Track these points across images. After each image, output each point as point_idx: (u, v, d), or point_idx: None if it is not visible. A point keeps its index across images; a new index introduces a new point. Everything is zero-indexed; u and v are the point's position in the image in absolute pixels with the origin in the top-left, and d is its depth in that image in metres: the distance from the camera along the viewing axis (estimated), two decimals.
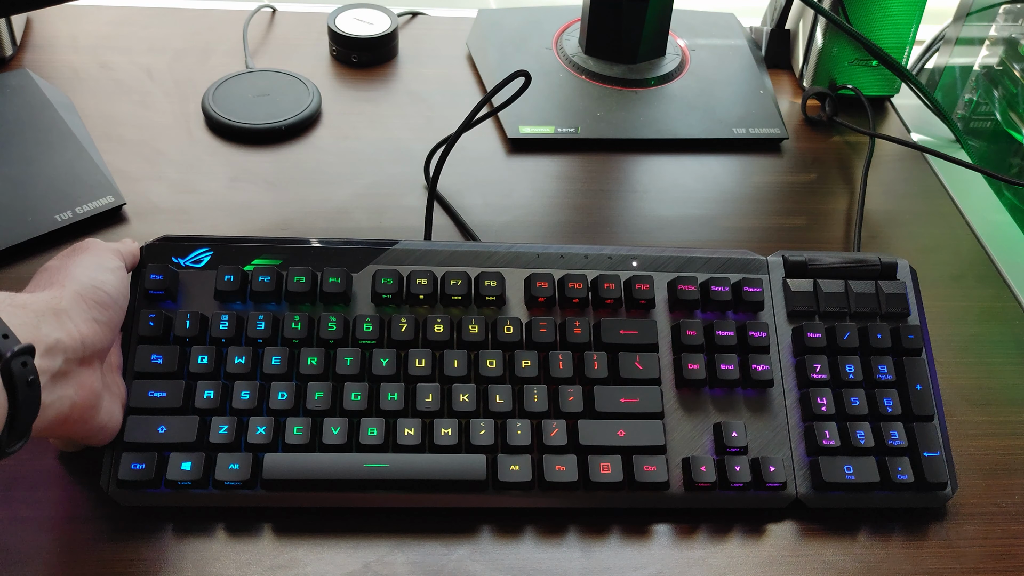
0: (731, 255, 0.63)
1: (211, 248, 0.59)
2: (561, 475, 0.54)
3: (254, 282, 0.57)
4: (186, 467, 0.52)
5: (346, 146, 0.80)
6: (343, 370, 0.56)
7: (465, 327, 0.57)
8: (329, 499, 0.54)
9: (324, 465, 0.53)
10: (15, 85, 0.76)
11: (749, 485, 0.55)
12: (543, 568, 0.53)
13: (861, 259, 0.63)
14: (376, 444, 0.54)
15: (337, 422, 0.54)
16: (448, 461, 0.54)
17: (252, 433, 0.53)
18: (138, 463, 0.52)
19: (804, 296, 0.61)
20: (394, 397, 0.55)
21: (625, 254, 0.62)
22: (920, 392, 0.59)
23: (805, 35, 0.90)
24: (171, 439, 0.53)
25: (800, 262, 0.62)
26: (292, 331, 0.56)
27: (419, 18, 0.97)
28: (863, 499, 0.57)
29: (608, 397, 0.57)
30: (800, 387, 0.59)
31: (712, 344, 0.59)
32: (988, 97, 0.93)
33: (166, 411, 0.54)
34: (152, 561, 0.51)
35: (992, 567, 0.55)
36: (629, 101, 0.86)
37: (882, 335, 0.60)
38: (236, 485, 0.53)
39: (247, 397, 0.54)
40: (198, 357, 0.55)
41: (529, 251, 0.62)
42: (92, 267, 0.51)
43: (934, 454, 0.57)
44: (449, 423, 0.55)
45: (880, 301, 0.62)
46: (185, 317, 0.56)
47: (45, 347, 0.45)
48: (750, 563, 0.54)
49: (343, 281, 0.58)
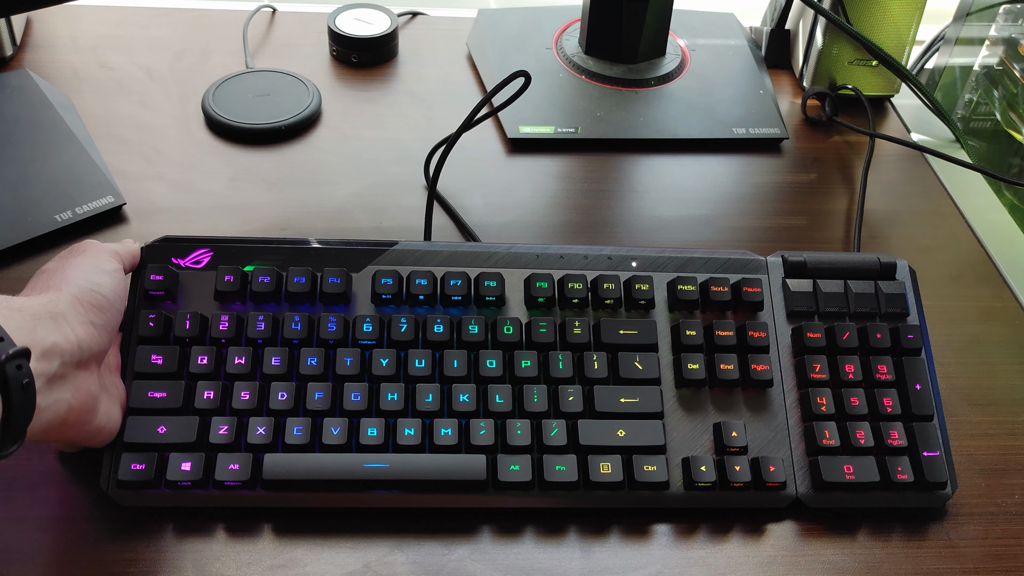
0: (731, 255, 0.63)
1: (211, 249, 0.59)
2: (561, 475, 0.54)
3: (254, 283, 0.57)
4: (186, 467, 0.52)
5: (346, 146, 0.80)
6: (343, 370, 0.56)
7: (465, 327, 0.58)
8: (329, 499, 0.54)
9: (324, 465, 0.53)
10: (15, 85, 0.76)
11: (749, 485, 0.55)
12: (543, 568, 0.53)
13: (860, 259, 0.63)
14: (376, 444, 0.54)
15: (337, 422, 0.54)
16: (448, 461, 0.54)
17: (252, 433, 0.53)
18: (138, 463, 0.52)
19: (803, 296, 0.61)
20: (394, 397, 0.55)
21: (624, 254, 0.62)
22: (920, 392, 0.59)
23: (805, 35, 0.90)
24: (171, 439, 0.53)
25: (799, 262, 0.63)
26: (292, 331, 0.56)
27: (419, 18, 0.97)
28: (863, 499, 0.57)
29: (608, 397, 0.57)
30: (800, 387, 0.59)
31: (712, 344, 0.59)
32: (988, 97, 0.93)
33: (166, 411, 0.54)
34: (152, 561, 0.51)
35: (992, 567, 0.55)
36: (629, 101, 0.86)
37: (881, 335, 0.60)
38: (236, 485, 0.53)
39: (247, 398, 0.54)
40: (198, 357, 0.55)
41: (529, 251, 0.62)
42: (89, 270, 0.51)
43: (934, 454, 0.57)
44: (449, 423, 0.55)
45: (879, 301, 0.62)
46: (185, 318, 0.56)
47: (41, 351, 0.45)
48: (750, 563, 0.54)
49: (343, 282, 0.58)
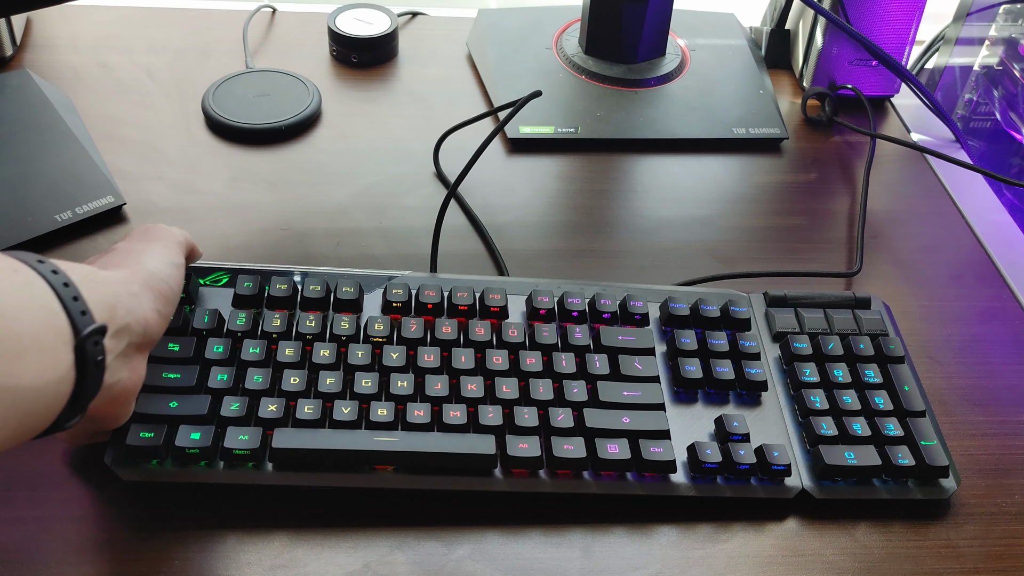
0: (712, 291, 0.66)
1: (228, 273, 0.61)
2: (569, 452, 0.55)
3: (272, 288, 0.59)
4: (195, 436, 0.52)
5: (346, 146, 0.80)
6: (355, 360, 0.57)
7: (472, 329, 0.59)
8: (336, 479, 0.54)
9: (334, 440, 0.53)
10: (15, 85, 0.76)
11: (755, 468, 0.56)
12: (543, 568, 0.53)
13: (836, 294, 0.66)
14: (386, 422, 0.55)
15: (348, 403, 0.55)
16: (458, 438, 0.54)
17: (263, 409, 0.54)
18: (147, 432, 0.52)
19: (787, 319, 0.64)
20: (404, 384, 0.56)
21: (616, 287, 0.65)
22: (908, 392, 0.60)
23: (805, 35, 0.90)
24: (182, 412, 0.53)
25: (780, 296, 0.65)
26: (307, 327, 0.58)
27: (419, 18, 0.97)
28: (867, 490, 0.57)
29: (611, 390, 0.58)
30: (794, 388, 0.61)
31: (706, 350, 0.61)
32: (988, 97, 0.93)
33: (179, 390, 0.54)
34: (153, 561, 0.51)
35: (992, 567, 0.55)
36: (629, 101, 0.86)
37: (865, 345, 0.62)
38: (245, 454, 0.53)
39: (259, 380, 0.55)
40: (214, 346, 0.56)
41: (526, 282, 0.64)
42: (161, 259, 0.52)
43: (931, 443, 0.57)
44: (458, 407, 0.56)
45: (859, 324, 0.64)
46: (204, 313, 0.58)
47: (116, 328, 0.45)
48: (750, 563, 0.54)
49: (355, 290, 0.60)
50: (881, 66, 0.87)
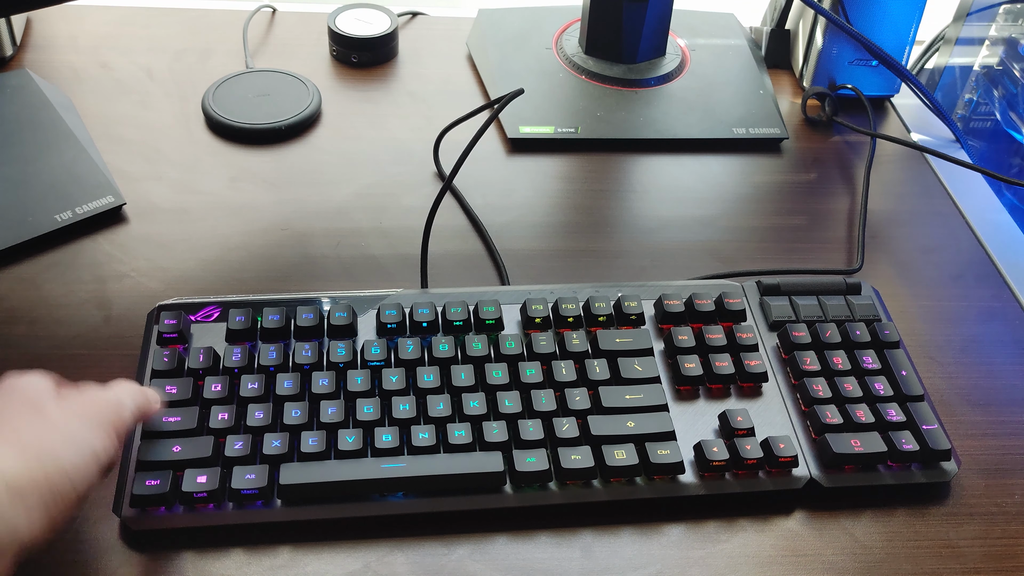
0: (706, 283, 0.66)
1: (219, 306, 0.61)
2: (578, 463, 0.54)
3: (264, 320, 0.59)
4: (202, 480, 0.52)
5: (346, 146, 0.80)
6: (354, 387, 0.57)
7: (469, 344, 0.59)
8: (348, 510, 0.53)
9: (341, 470, 0.53)
10: (15, 85, 0.76)
11: (762, 462, 0.56)
12: (543, 568, 0.53)
13: (827, 280, 0.67)
14: (392, 447, 0.54)
15: (352, 432, 0.55)
16: (465, 458, 0.54)
17: (267, 446, 0.54)
18: (152, 480, 0.52)
19: (782, 308, 0.64)
20: (406, 407, 0.56)
21: (609, 287, 0.65)
22: (906, 377, 0.61)
23: (805, 35, 0.90)
24: (186, 456, 0.53)
25: (774, 285, 0.66)
26: (303, 357, 0.58)
27: (419, 18, 0.97)
28: (873, 476, 0.57)
29: (613, 395, 0.58)
30: (795, 377, 0.61)
31: (703, 346, 0.61)
32: (988, 97, 0.93)
33: (180, 433, 0.54)
34: (154, 561, 0.51)
35: (992, 567, 0.55)
36: (629, 101, 0.86)
37: (860, 332, 0.62)
38: (253, 493, 0.52)
39: (261, 416, 0.55)
40: (212, 385, 0.56)
41: (521, 289, 0.64)
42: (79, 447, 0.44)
43: (932, 427, 0.58)
44: (462, 426, 0.55)
45: (852, 310, 0.65)
46: (199, 352, 0.57)
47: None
48: (750, 563, 0.54)
49: (349, 315, 0.60)
50: (881, 66, 0.87)
